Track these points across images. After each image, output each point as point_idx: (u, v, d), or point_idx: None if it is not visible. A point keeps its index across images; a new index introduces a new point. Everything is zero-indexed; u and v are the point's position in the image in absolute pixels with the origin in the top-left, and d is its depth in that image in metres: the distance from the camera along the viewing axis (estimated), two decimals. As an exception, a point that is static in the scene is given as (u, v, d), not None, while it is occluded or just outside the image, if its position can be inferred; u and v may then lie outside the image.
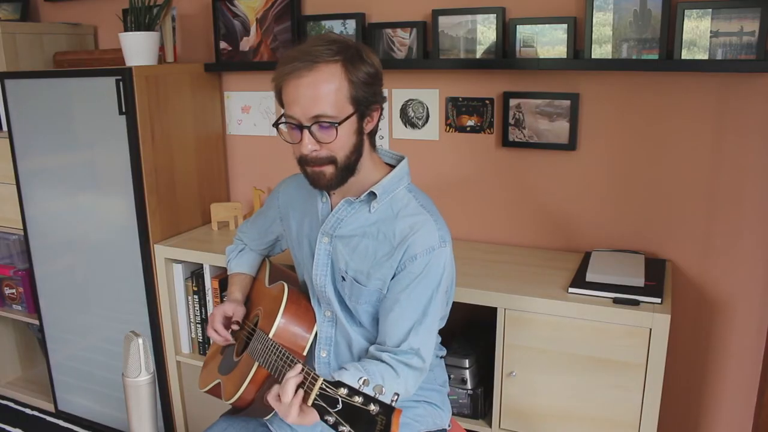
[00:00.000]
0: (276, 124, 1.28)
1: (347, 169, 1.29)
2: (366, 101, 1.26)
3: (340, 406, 0.98)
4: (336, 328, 1.43)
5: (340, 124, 1.22)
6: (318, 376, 1.04)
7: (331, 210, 1.38)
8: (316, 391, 1.02)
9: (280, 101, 1.28)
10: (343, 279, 1.37)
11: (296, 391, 1.09)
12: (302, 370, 1.10)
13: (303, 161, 1.28)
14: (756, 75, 1.70)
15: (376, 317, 1.38)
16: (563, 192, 1.99)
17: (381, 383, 1.19)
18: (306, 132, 1.23)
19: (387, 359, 1.27)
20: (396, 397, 0.99)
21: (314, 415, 1.05)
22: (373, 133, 1.33)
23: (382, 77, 1.31)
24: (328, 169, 1.27)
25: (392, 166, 1.39)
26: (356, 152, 1.28)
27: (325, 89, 1.21)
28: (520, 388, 1.69)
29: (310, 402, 1.03)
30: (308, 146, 1.24)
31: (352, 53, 1.24)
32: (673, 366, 1.92)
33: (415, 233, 1.29)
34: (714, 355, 1.92)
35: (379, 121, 1.33)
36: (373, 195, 1.32)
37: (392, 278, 1.32)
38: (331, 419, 0.98)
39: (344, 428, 0.97)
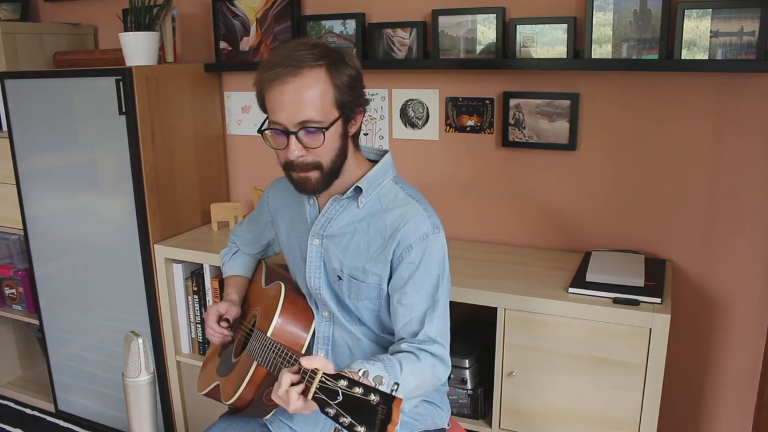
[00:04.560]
0: (261, 130, 1.28)
1: (333, 172, 1.29)
2: (350, 104, 1.26)
3: (340, 398, 0.98)
4: (334, 327, 1.43)
5: (327, 129, 1.22)
6: (318, 370, 1.04)
7: (319, 212, 1.38)
8: (316, 384, 1.02)
9: (263, 106, 1.27)
10: (340, 278, 1.37)
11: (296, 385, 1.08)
12: (300, 369, 1.09)
13: (288, 167, 1.28)
14: (756, 75, 1.70)
15: (377, 313, 1.38)
16: (563, 192, 1.99)
17: (397, 370, 1.19)
18: (292, 138, 1.23)
19: (406, 347, 1.26)
20: (396, 386, 0.99)
21: (315, 406, 1.05)
22: (356, 135, 1.33)
23: (363, 80, 1.31)
24: (314, 174, 1.27)
25: (376, 162, 1.39)
26: (341, 155, 1.29)
27: (310, 94, 1.20)
28: (520, 388, 1.69)
29: (310, 396, 1.03)
30: (295, 152, 1.24)
31: (335, 57, 1.24)
32: (673, 366, 1.92)
33: (406, 223, 1.29)
34: (714, 355, 1.92)
35: (362, 123, 1.33)
36: (359, 190, 1.33)
37: (391, 273, 1.32)
38: (331, 411, 0.98)
39: (345, 419, 0.97)
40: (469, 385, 1.79)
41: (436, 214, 1.34)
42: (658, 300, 1.56)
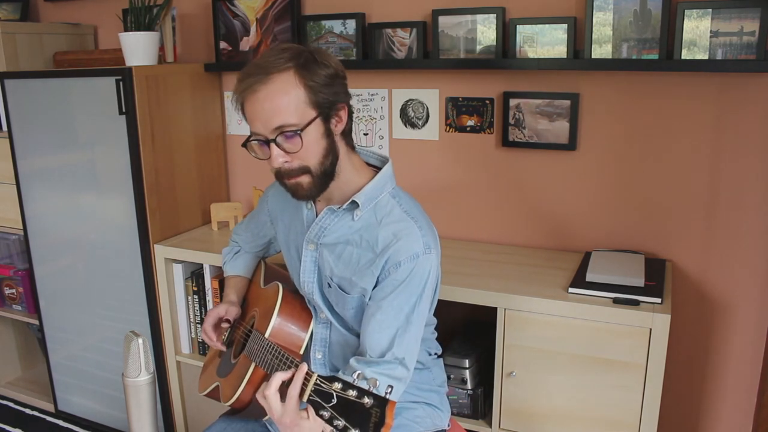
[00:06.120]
0: (245, 144, 1.27)
1: (324, 174, 1.26)
2: (328, 103, 1.23)
3: (334, 401, 0.99)
4: (330, 331, 1.42)
5: (302, 130, 1.20)
6: (312, 372, 1.04)
7: (316, 217, 1.36)
8: (311, 386, 1.02)
9: (246, 119, 1.26)
10: (329, 286, 1.36)
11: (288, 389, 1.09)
12: (294, 371, 1.09)
13: (278, 175, 1.27)
14: (756, 75, 1.70)
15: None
16: (563, 192, 1.99)
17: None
18: (272, 145, 1.21)
19: (370, 375, 1.22)
20: (390, 389, 0.99)
21: (299, 418, 1.05)
22: (347, 133, 1.30)
23: (345, 76, 1.28)
24: (305, 179, 1.25)
25: (376, 167, 1.37)
26: (330, 155, 1.26)
27: (281, 99, 1.19)
28: (520, 388, 1.69)
29: (305, 398, 1.03)
30: (278, 159, 1.22)
31: (306, 58, 1.21)
32: (673, 366, 1.92)
33: (398, 241, 1.26)
34: (714, 355, 1.92)
35: (350, 119, 1.30)
36: (355, 203, 1.30)
37: (375, 286, 1.29)
38: (326, 414, 0.99)
39: (339, 422, 0.97)
40: (469, 385, 1.79)
41: (431, 233, 1.31)
42: (658, 300, 1.56)
